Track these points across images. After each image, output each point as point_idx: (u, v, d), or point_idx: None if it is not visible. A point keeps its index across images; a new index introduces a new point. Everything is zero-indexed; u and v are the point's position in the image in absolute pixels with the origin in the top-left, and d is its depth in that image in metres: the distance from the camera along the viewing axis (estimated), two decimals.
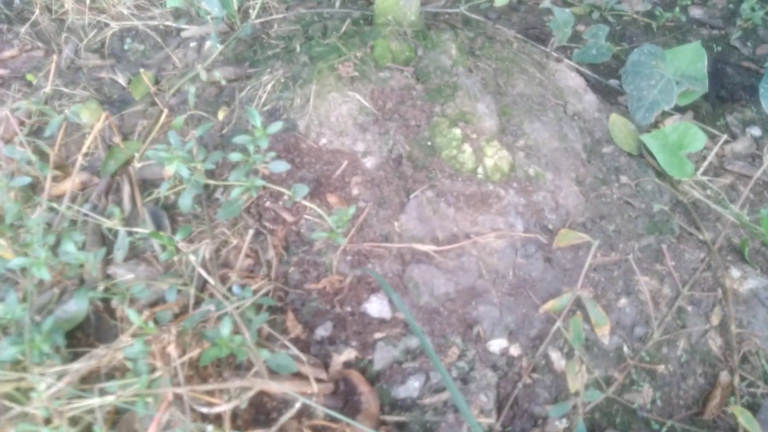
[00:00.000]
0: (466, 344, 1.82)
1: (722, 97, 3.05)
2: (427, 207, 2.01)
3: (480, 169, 1.98)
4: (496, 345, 1.83)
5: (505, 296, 1.92)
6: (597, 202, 2.15)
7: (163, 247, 1.92)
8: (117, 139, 2.41)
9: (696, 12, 3.71)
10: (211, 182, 2.07)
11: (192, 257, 1.86)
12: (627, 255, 2.06)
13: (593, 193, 2.14)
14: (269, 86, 2.24)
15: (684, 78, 2.60)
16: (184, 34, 3.06)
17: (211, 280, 1.82)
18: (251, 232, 1.93)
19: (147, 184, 2.28)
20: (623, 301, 1.98)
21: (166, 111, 2.37)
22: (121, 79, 2.73)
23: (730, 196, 2.43)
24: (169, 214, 2.14)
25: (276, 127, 1.90)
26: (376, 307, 1.86)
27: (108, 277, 2.00)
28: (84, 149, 2.21)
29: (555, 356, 1.85)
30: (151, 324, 1.60)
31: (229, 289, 1.86)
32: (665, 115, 2.71)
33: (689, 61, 2.69)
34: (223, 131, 2.28)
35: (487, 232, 2.00)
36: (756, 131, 2.85)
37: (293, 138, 2.14)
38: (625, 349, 1.91)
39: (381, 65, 2.18)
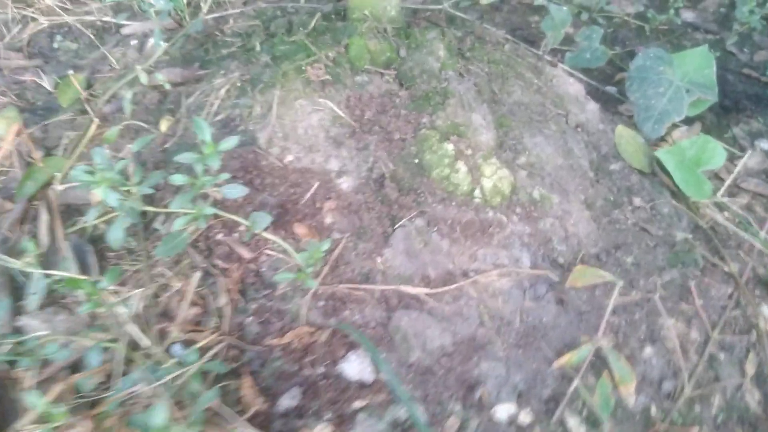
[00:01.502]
0: (467, 411, 1.47)
1: (726, 107, 2.79)
2: (416, 239, 1.65)
3: (477, 192, 1.64)
4: (504, 411, 1.49)
5: (513, 348, 1.58)
6: (610, 228, 1.83)
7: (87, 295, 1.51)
8: (36, 155, 1.99)
9: (688, 15, 3.47)
10: (150, 209, 1.67)
11: (121, 309, 1.46)
12: (649, 293, 1.75)
13: (605, 219, 1.83)
14: (222, 91, 1.86)
15: (693, 85, 2.32)
16: (124, 31, 2.63)
17: (143, 341, 1.42)
18: (198, 274, 1.54)
19: (71, 211, 1.87)
20: (648, 350, 1.66)
21: (96, 121, 1.96)
22: (47, 83, 2.30)
23: (749, 217, 2.15)
24: (98, 249, 1.73)
25: (230, 142, 1.52)
26: (356, 367, 1.50)
27: (17, 331, 1.58)
28: None
29: (573, 423, 1.52)
30: (59, 408, 1.19)
31: (168, 350, 1.47)
32: (672, 126, 2.42)
33: (697, 67, 2.42)
34: (166, 145, 1.89)
35: (488, 268, 1.66)
36: (765, 144, 2.60)
37: (252, 154, 1.75)
38: (654, 409, 1.59)
39: (357, 67, 1.82)
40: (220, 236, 1.66)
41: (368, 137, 1.74)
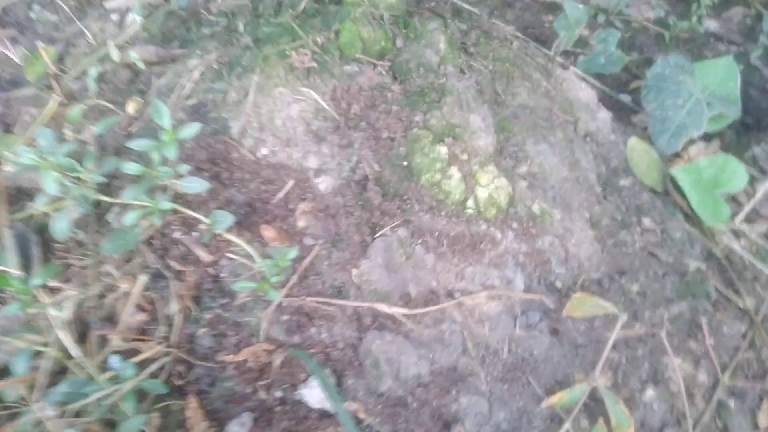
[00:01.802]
0: None
1: (747, 124, 2.59)
2: (397, 251, 1.47)
3: (470, 202, 1.46)
4: None
5: (498, 383, 1.40)
6: (616, 252, 1.65)
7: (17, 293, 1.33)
8: None
9: (711, 24, 3.26)
10: (105, 199, 1.49)
11: (53, 312, 1.28)
12: (655, 327, 1.56)
13: (611, 240, 1.65)
14: (196, 73, 1.67)
15: (715, 98, 2.13)
16: (108, 5, 2.44)
17: (74, 350, 1.24)
18: (144, 277, 1.36)
19: (21, 195, 1.68)
20: (650, 392, 1.48)
21: (57, 98, 1.77)
22: (14, 55, 2.11)
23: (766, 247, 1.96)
24: (44, 239, 1.55)
25: (191, 130, 1.33)
26: (317, 394, 1.32)
27: None
28: None
29: None
30: None
31: (104, 362, 1.29)
32: (689, 142, 2.23)
33: (720, 79, 2.22)
34: (131, 128, 1.70)
35: (476, 289, 1.47)
36: None
37: (222, 144, 1.57)
38: None
39: (348, 56, 1.65)
40: (177, 234, 1.48)
41: (353, 134, 1.56)
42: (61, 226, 1.45)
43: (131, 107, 1.78)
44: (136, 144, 1.33)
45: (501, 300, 1.47)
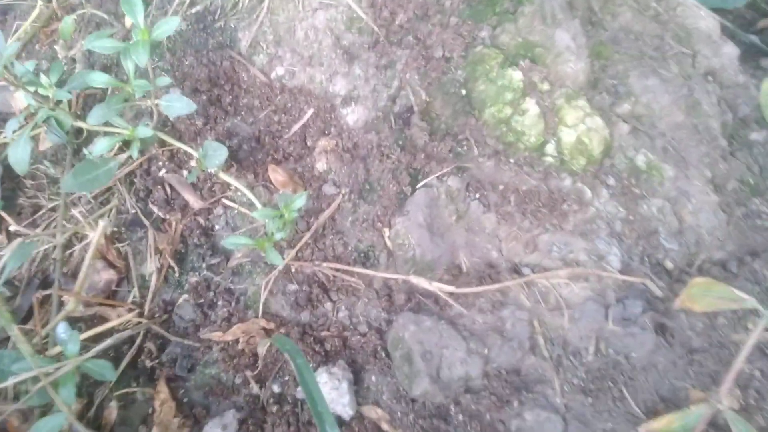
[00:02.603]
0: None
1: None
2: (445, 207, 1.09)
3: (551, 148, 1.08)
4: None
5: (578, 395, 1.01)
6: (746, 225, 1.24)
7: None
8: None
9: None
10: (83, 126, 1.17)
11: None
12: None
13: (739, 210, 1.24)
14: None
15: None
16: None
17: (3, 320, 0.93)
18: (102, 222, 1.03)
19: None
20: None
21: (40, 5, 1.47)
22: None
23: None
24: (13, 174, 1.26)
25: (168, 26, 0.98)
26: (328, 391, 0.96)
27: None
28: None
29: None
30: None
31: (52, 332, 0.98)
32: None
33: None
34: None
35: (554, 265, 1.09)
36: None
37: (227, 61, 1.23)
38: None
39: None
40: (162, 172, 1.15)
41: (396, 51, 1.19)
42: (20, 156, 1.14)
43: (129, 19, 1.44)
44: (98, 45, 0.98)
45: (588, 282, 1.07)
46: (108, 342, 0.98)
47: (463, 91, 1.22)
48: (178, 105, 1.06)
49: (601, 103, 1.28)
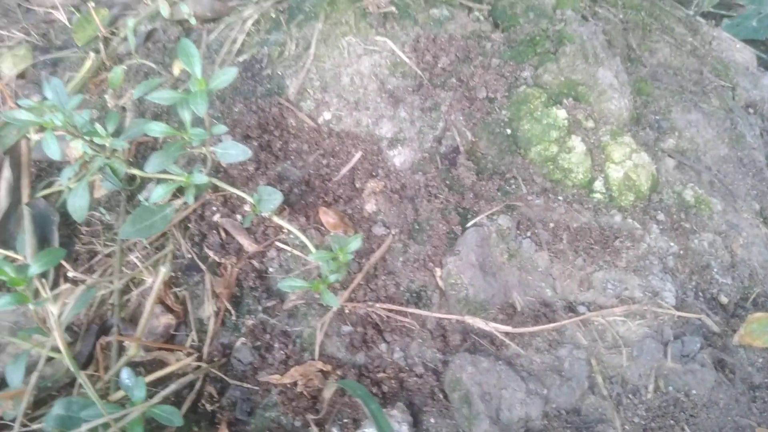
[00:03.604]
0: None
1: None
2: (497, 246, 1.09)
3: (599, 184, 1.08)
4: None
5: None
6: None
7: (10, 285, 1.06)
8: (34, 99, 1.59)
9: None
10: (137, 173, 1.21)
11: (52, 309, 1.00)
12: None
13: None
14: (250, 23, 1.37)
15: None
16: None
17: (72, 366, 0.95)
18: (165, 268, 1.05)
19: (53, 170, 1.45)
20: None
21: (92, 56, 1.53)
22: (63, 16, 1.91)
23: None
24: (69, 221, 1.29)
25: (225, 76, 1.02)
26: None
27: None
28: None
29: None
30: None
31: (117, 378, 1.00)
32: None
33: None
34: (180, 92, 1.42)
35: (609, 302, 1.08)
36: None
37: (276, 108, 1.26)
38: None
39: None
40: (217, 217, 1.17)
41: (440, 93, 1.21)
42: (79, 204, 1.18)
43: (177, 68, 1.51)
44: (157, 96, 1.02)
45: (645, 318, 1.06)
46: (172, 387, 0.99)
47: (509, 131, 1.24)
48: (233, 152, 1.09)
49: (646, 139, 1.29)
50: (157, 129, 1.08)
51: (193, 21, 1.61)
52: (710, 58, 1.57)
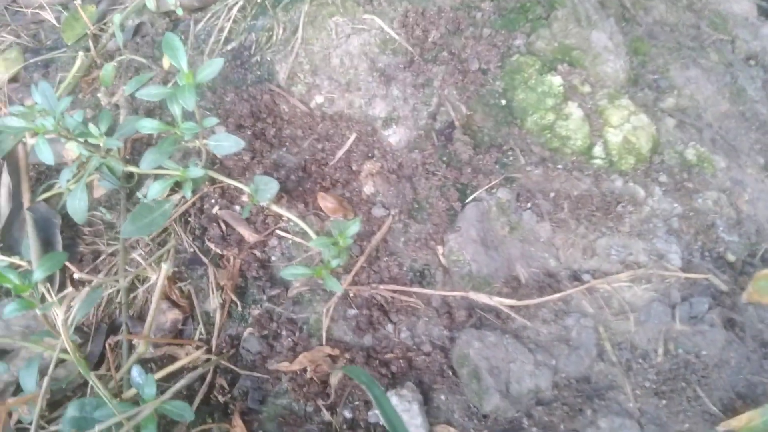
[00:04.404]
0: None
1: None
2: (498, 219, 1.08)
3: (598, 149, 1.07)
4: None
5: (651, 398, 1.00)
6: None
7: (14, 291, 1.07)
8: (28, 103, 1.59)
9: None
10: (134, 170, 1.21)
11: (58, 312, 1.00)
12: None
13: None
14: (236, 10, 1.35)
15: None
16: None
17: (81, 368, 0.96)
18: (165, 266, 1.05)
19: (52, 172, 1.45)
20: None
21: (82, 56, 1.52)
22: (51, 16, 1.89)
23: None
24: (71, 223, 1.29)
25: (212, 68, 1.00)
26: (399, 413, 0.96)
27: None
28: None
29: None
30: None
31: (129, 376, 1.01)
32: None
33: None
34: (167, 86, 1.40)
35: (614, 269, 1.07)
36: None
37: (267, 95, 1.24)
38: None
39: None
40: (216, 209, 1.17)
41: (432, 68, 1.19)
42: (79, 205, 1.18)
43: (167, 61, 1.49)
44: (145, 93, 1.01)
45: (651, 282, 1.06)
46: (182, 382, 1.00)
47: (503, 102, 1.22)
48: (226, 144, 1.08)
49: (645, 100, 1.27)
50: (148, 126, 1.08)
51: (179, 12, 1.59)
52: (707, 12, 1.53)
